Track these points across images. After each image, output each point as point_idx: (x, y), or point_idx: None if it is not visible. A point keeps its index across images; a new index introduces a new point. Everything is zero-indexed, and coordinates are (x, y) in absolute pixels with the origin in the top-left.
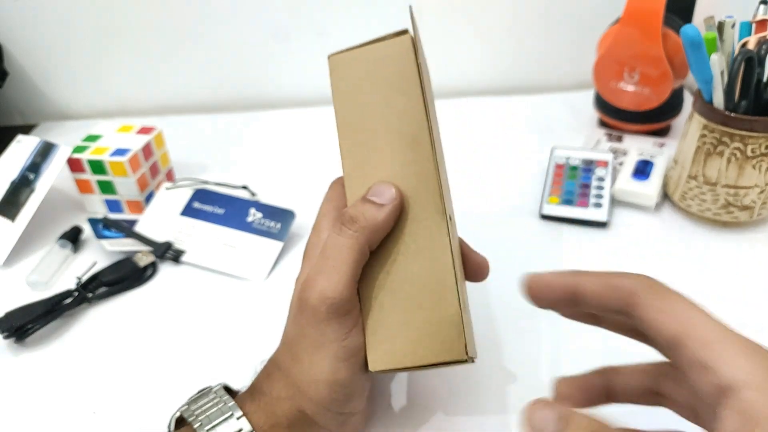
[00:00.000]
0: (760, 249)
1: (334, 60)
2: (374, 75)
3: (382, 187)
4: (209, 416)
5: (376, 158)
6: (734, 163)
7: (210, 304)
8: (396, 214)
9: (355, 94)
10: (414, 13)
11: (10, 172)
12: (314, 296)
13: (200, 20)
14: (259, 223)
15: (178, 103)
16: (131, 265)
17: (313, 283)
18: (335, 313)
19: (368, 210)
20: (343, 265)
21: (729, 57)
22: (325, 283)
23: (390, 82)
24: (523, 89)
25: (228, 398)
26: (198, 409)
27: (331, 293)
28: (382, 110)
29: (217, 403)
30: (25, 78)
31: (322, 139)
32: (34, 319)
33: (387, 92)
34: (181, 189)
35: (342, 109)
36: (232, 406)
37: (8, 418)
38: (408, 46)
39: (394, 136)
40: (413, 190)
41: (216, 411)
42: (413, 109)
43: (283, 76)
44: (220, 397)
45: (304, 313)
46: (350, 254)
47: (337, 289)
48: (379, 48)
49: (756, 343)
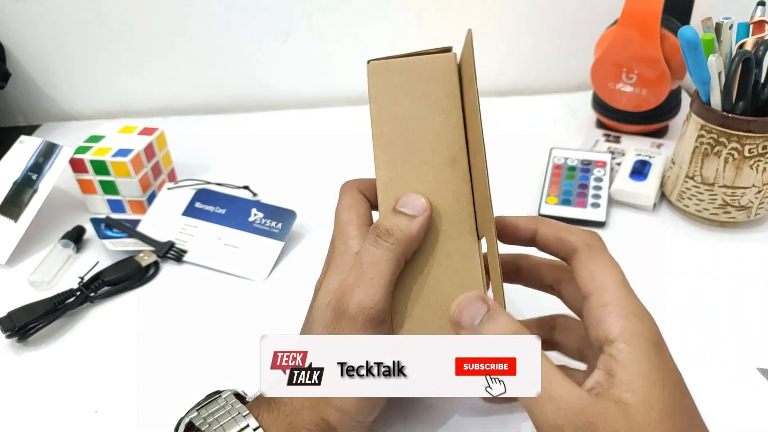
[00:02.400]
0: (758, 249)
1: (373, 67)
2: (415, 89)
3: (412, 197)
4: (223, 426)
5: (414, 174)
6: (731, 164)
7: (211, 303)
8: (426, 225)
9: (394, 105)
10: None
11: (12, 173)
12: (353, 306)
13: (202, 22)
14: (260, 223)
15: (180, 104)
16: (133, 264)
17: (351, 293)
18: (371, 323)
19: (401, 221)
20: (381, 277)
21: (726, 58)
22: (363, 294)
23: (431, 98)
24: (521, 90)
25: (242, 407)
26: (210, 416)
27: (370, 303)
28: (423, 126)
29: (230, 412)
30: (27, 79)
31: (323, 140)
32: (36, 319)
33: (428, 109)
34: (183, 189)
35: (379, 120)
36: (246, 416)
37: (11, 417)
38: (452, 64)
39: (433, 154)
40: (449, 209)
41: (230, 421)
42: (454, 129)
43: (284, 78)
44: (233, 406)
45: (340, 322)
46: (387, 266)
47: (374, 299)
48: (421, 62)
49: (639, 309)
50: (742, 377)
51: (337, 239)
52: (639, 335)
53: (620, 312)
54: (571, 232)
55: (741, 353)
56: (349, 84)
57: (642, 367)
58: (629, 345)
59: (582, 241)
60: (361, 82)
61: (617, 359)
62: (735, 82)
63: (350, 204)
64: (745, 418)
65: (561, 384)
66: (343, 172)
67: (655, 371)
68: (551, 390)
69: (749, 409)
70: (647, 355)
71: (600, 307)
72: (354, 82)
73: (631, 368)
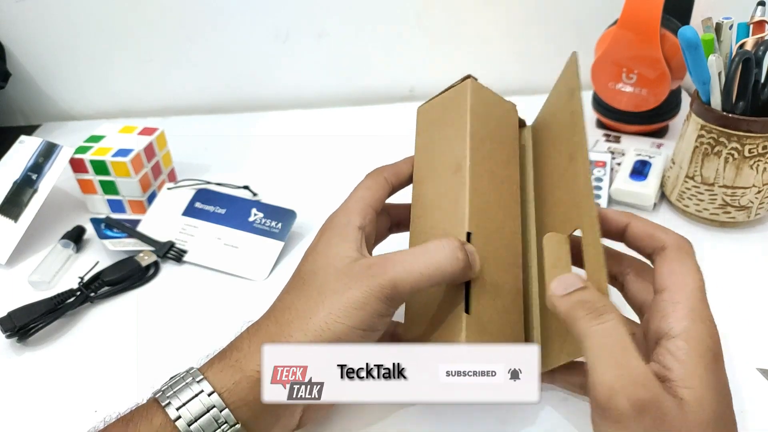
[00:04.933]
0: (757, 249)
1: (420, 110)
2: (441, 114)
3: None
4: (171, 386)
5: (428, 179)
6: (732, 164)
7: (211, 303)
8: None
9: (428, 132)
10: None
11: (12, 173)
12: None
13: (202, 22)
14: (260, 222)
15: (180, 104)
16: (133, 264)
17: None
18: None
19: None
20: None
21: (726, 58)
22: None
23: (448, 117)
24: (521, 90)
25: (195, 372)
26: (169, 389)
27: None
28: (441, 141)
29: (184, 378)
30: (28, 79)
31: (323, 140)
32: (36, 319)
33: (446, 126)
34: (183, 189)
35: (419, 146)
36: (201, 381)
37: (11, 416)
38: (466, 88)
39: (444, 163)
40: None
41: (183, 387)
42: (460, 139)
43: (284, 77)
44: (187, 372)
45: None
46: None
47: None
48: (449, 93)
49: (707, 317)
50: (742, 377)
51: (342, 212)
52: (700, 339)
53: (688, 313)
54: (664, 231)
55: (741, 353)
56: (349, 84)
57: (698, 368)
58: (689, 345)
59: (674, 241)
60: (361, 82)
61: (675, 355)
62: (735, 82)
63: (369, 185)
64: (745, 418)
65: (633, 356)
66: (343, 172)
67: (709, 375)
68: (622, 358)
69: (749, 409)
70: (704, 359)
71: (671, 302)
72: (354, 82)
73: (687, 367)
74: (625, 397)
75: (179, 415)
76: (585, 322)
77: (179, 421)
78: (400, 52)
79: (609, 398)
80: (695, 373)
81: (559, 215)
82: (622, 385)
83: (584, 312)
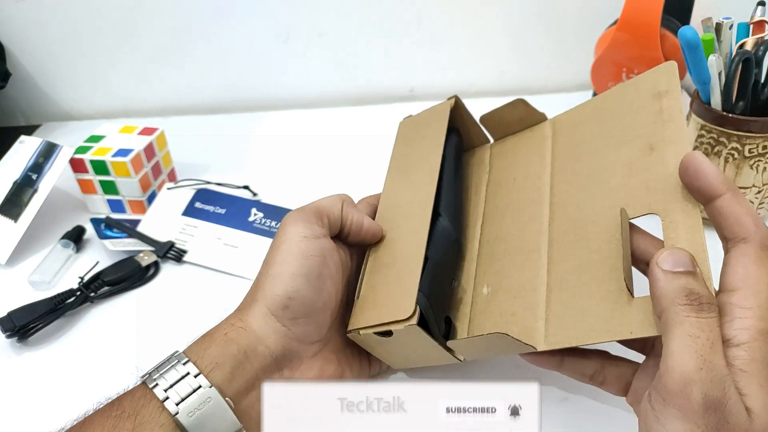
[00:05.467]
0: None
1: (401, 123)
2: (420, 128)
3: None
4: (163, 375)
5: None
6: (732, 164)
7: (212, 303)
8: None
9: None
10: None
11: (12, 173)
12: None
13: (202, 22)
14: (260, 223)
15: (180, 104)
16: (133, 264)
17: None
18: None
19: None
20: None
21: (726, 58)
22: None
23: (427, 131)
24: (521, 90)
25: (181, 354)
26: (156, 372)
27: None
28: (419, 152)
29: (170, 361)
30: (28, 79)
31: (323, 140)
32: (36, 319)
33: (423, 138)
34: (183, 189)
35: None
36: (186, 364)
37: (10, 416)
38: (447, 106)
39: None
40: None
41: (169, 370)
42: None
43: (284, 78)
44: (173, 355)
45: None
46: None
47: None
48: (432, 109)
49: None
50: None
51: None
52: (764, 350)
53: (757, 323)
54: (754, 221)
55: None
56: (349, 84)
57: (760, 377)
58: (750, 354)
59: (759, 238)
60: (361, 82)
61: (732, 364)
62: (735, 82)
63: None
64: None
65: (719, 356)
66: (343, 172)
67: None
68: (709, 354)
69: None
70: (766, 369)
71: (740, 307)
72: (354, 83)
73: (750, 375)
74: (701, 390)
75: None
76: (684, 311)
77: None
78: (400, 52)
79: (684, 386)
80: (757, 381)
81: (619, 199)
82: (701, 378)
83: (687, 300)
